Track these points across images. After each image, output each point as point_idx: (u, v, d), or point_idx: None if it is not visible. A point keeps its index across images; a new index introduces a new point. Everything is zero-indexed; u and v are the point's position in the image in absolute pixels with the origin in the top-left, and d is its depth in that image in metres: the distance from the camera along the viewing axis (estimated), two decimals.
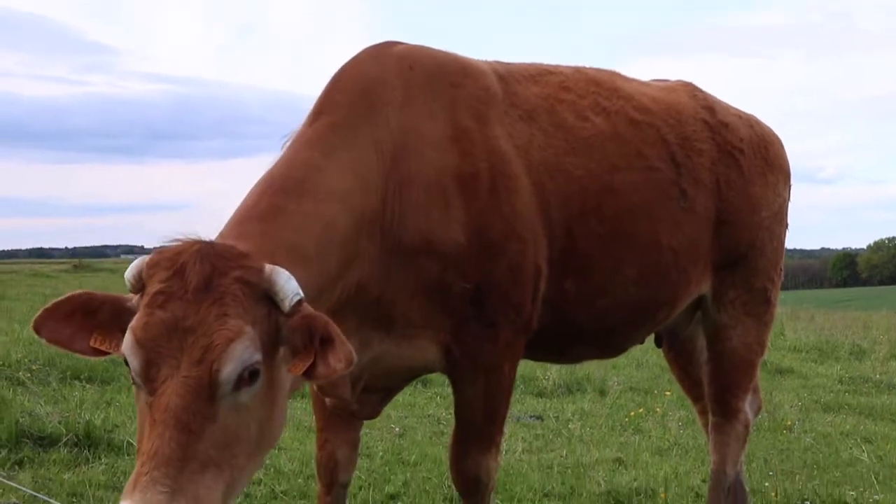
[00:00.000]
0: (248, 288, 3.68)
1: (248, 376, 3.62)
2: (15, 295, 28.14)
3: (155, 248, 3.90)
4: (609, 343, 5.97)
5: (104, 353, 3.87)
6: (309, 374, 3.72)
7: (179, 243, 3.80)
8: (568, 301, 5.37)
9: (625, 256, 5.51)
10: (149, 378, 3.56)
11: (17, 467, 7.49)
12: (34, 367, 11.74)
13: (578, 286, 5.38)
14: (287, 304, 3.70)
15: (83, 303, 3.84)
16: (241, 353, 3.56)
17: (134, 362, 3.58)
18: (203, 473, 3.50)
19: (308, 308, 3.76)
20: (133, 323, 3.64)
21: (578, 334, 5.68)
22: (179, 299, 3.62)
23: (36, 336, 3.86)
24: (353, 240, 4.52)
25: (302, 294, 3.74)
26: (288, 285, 3.71)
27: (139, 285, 3.78)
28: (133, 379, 3.66)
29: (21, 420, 8.67)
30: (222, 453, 3.59)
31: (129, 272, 3.83)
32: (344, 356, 3.66)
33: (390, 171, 4.76)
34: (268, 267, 3.74)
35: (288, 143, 4.81)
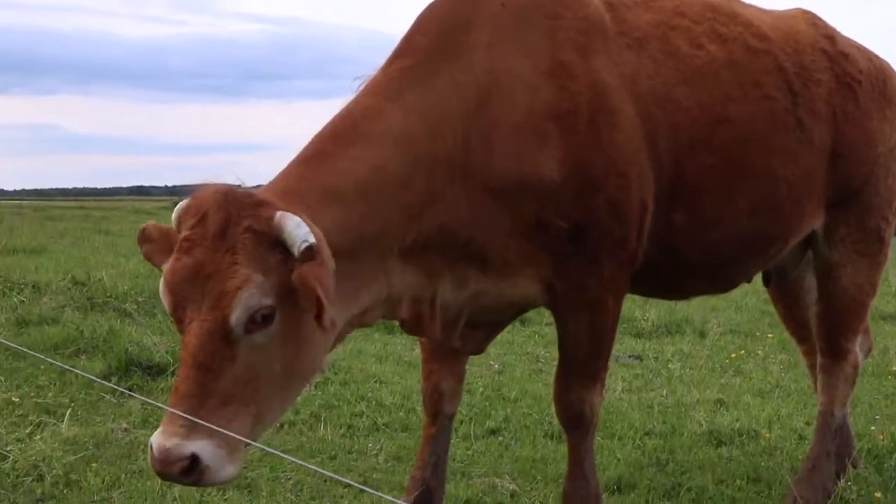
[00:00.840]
0: (258, 236, 3.86)
1: (261, 319, 3.86)
2: (118, 230, 28.68)
3: (192, 191, 4.08)
4: (720, 277, 5.89)
5: None
6: (318, 318, 3.80)
7: (206, 190, 4.01)
8: (677, 234, 5.31)
9: (737, 188, 5.41)
10: (178, 319, 3.94)
11: (126, 394, 7.62)
12: (140, 300, 12.00)
13: (688, 219, 5.30)
14: (296, 250, 3.80)
15: (157, 230, 4.19)
16: (248, 299, 3.79)
17: (165, 304, 3.96)
18: (223, 408, 3.83)
19: (320, 255, 3.84)
20: (165, 267, 3.93)
21: (689, 268, 5.61)
22: (201, 246, 3.87)
23: (141, 269, 4.10)
24: (415, 183, 4.56)
25: (310, 241, 3.80)
26: (296, 231, 3.82)
27: (177, 228, 4.05)
28: None
29: (130, 349, 8.86)
30: (244, 389, 3.90)
31: (173, 214, 4.14)
32: (324, 319, 3.79)
33: (474, 114, 4.74)
34: (278, 214, 3.87)
35: (361, 87, 4.82)
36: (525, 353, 10.54)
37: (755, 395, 9.12)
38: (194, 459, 3.71)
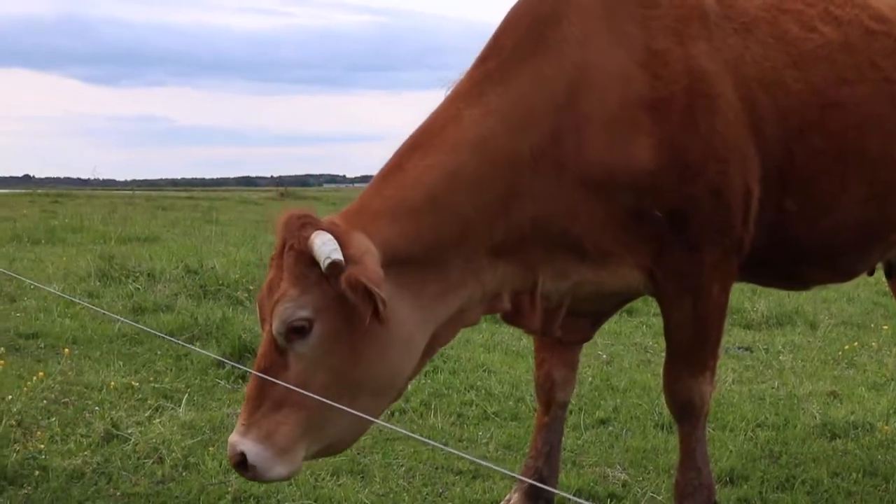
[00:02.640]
0: (298, 255, 4.23)
1: (298, 331, 4.19)
2: (227, 220, 29.11)
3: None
4: (838, 265, 5.79)
5: None
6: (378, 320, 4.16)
7: (283, 214, 4.46)
8: (789, 221, 5.26)
9: (852, 174, 5.32)
10: (262, 329, 4.40)
11: (240, 381, 7.74)
12: (251, 288, 12.14)
13: (800, 205, 5.24)
14: (322, 267, 4.09)
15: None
16: (282, 312, 4.18)
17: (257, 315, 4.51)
18: (275, 413, 4.18)
19: (357, 264, 4.14)
20: None
21: (805, 256, 5.54)
22: (273, 266, 4.41)
23: (251, 258, 4.38)
24: (495, 183, 4.67)
25: (334, 257, 4.07)
26: (321, 249, 4.11)
27: None
28: None
29: (243, 336, 8.99)
30: (289, 396, 4.17)
31: None
32: (377, 315, 4.12)
33: (563, 108, 4.78)
34: (314, 234, 4.17)
35: (448, 91, 4.95)
36: (633, 343, 10.53)
37: (870, 388, 8.98)
38: (243, 456, 4.11)
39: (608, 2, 5.01)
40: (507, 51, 4.90)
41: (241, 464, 4.16)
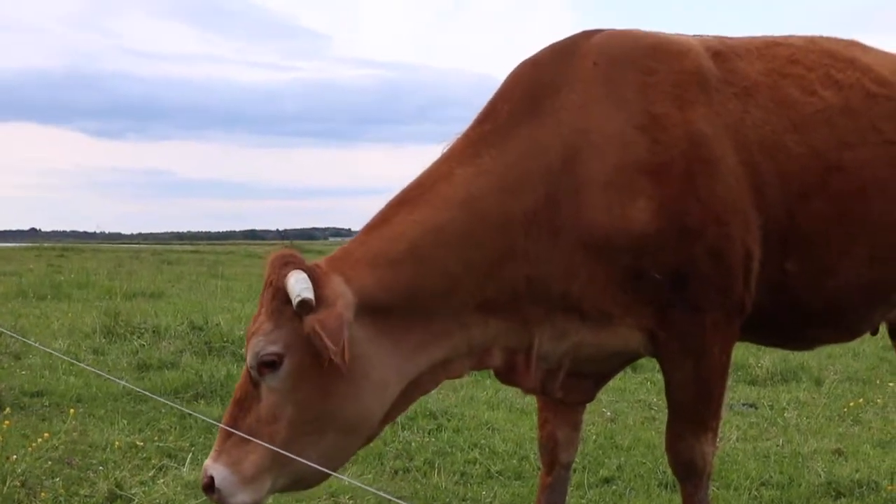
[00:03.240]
0: (276, 291, 4.45)
1: (267, 365, 4.39)
2: (233, 274, 29.17)
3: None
4: (841, 325, 5.81)
5: None
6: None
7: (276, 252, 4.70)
8: (791, 282, 5.30)
9: (855, 236, 5.36)
10: None
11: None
12: None
13: (802, 267, 5.28)
14: (294, 304, 4.29)
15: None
16: (254, 346, 4.42)
17: None
18: (245, 442, 4.36)
19: (323, 306, 4.32)
20: None
21: (807, 317, 5.56)
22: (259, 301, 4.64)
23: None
24: (484, 242, 4.79)
25: (304, 296, 4.26)
26: (293, 287, 4.32)
27: None
28: None
29: None
30: (266, 427, 4.40)
31: None
32: (339, 355, 4.25)
33: (559, 173, 4.86)
34: (291, 272, 4.38)
35: (444, 150, 5.07)
36: (637, 400, 10.53)
37: (875, 446, 8.98)
38: (211, 481, 4.34)
39: (606, 69, 5.08)
40: (504, 115, 5.01)
41: (209, 486, 4.39)
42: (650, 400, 10.48)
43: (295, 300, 4.26)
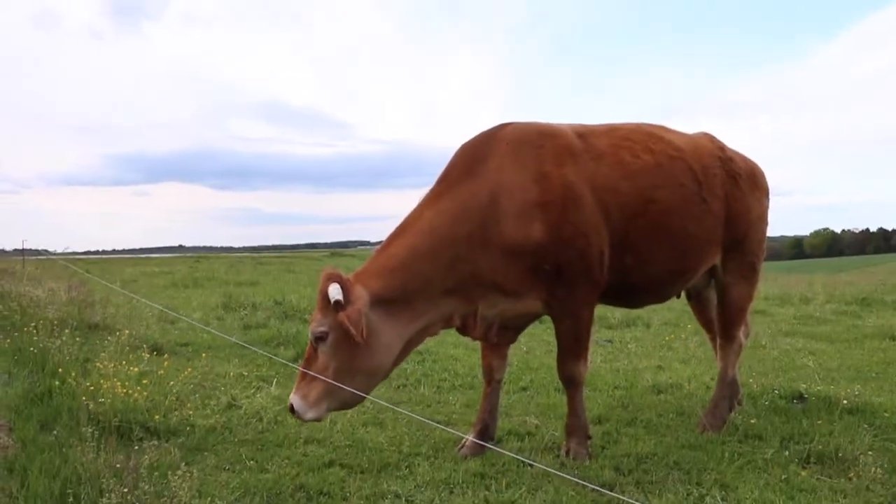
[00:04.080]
0: (323, 295, 4.62)
1: (320, 338, 4.61)
2: (299, 270, 29.11)
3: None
4: (657, 293, 5.89)
5: None
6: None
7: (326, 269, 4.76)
8: (627, 269, 5.36)
9: (663, 241, 5.44)
10: None
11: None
12: (313, 312, 12.04)
13: (633, 259, 5.36)
14: (332, 303, 4.53)
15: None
16: (312, 327, 4.67)
17: None
18: (311, 382, 4.60)
19: (349, 306, 4.53)
20: None
21: (637, 289, 5.64)
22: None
23: (314, 294, 4.99)
24: (443, 254, 4.87)
25: (337, 298, 4.50)
26: (331, 293, 4.52)
27: None
28: None
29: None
30: (322, 374, 4.59)
31: None
32: (359, 335, 4.48)
33: (487, 208, 4.94)
34: (330, 284, 4.57)
35: (421, 198, 5.16)
36: (543, 339, 10.55)
37: (680, 362, 9.06)
38: (292, 406, 4.63)
39: (514, 145, 5.14)
40: (453, 176, 5.09)
41: (291, 409, 4.64)
42: (550, 339, 10.44)
43: (332, 301, 4.52)
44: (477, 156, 5.12)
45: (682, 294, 6.46)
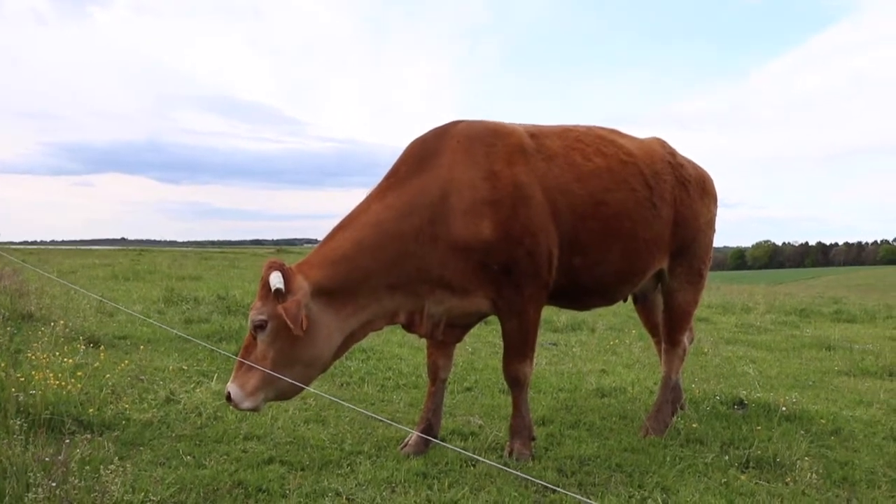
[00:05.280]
0: (263, 283, 4.57)
1: (259, 327, 4.54)
2: (244, 266, 28.61)
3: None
4: (605, 296, 5.89)
5: None
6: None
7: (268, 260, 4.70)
8: (576, 270, 5.35)
9: (613, 243, 5.45)
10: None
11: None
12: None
13: (582, 261, 5.35)
14: (272, 291, 4.49)
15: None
16: (252, 315, 4.58)
17: None
18: (249, 370, 4.54)
19: (289, 296, 4.50)
20: None
21: (585, 290, 5.63)
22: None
23: (257, 289, 4.74)
24: (388, 248, 4.82)
25: (278, 286, 4.46)
26: (272, 281, 4.48)
27: None
28: None
29: None
30: (260, 363, 4.53)
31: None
32: (297, 327, 4.41)
33: (437, 204, 4.89)
34: (271, 272, 4.53)
35: (369, 191, 5.10)
36: (488, 341, 10.55)
37: (624, 367, 9.12)
38: (229, 395, 4.55)
39: (466, 142, 5.09)
40: (402, 172, 5.03)
41: (228, 398, 4.55)
42: (496, 341, 10.48)
43: (273, 289, 4.46)
44: (428, 151, 5.07)
45: (629, 298, 6.51)
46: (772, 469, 5.20)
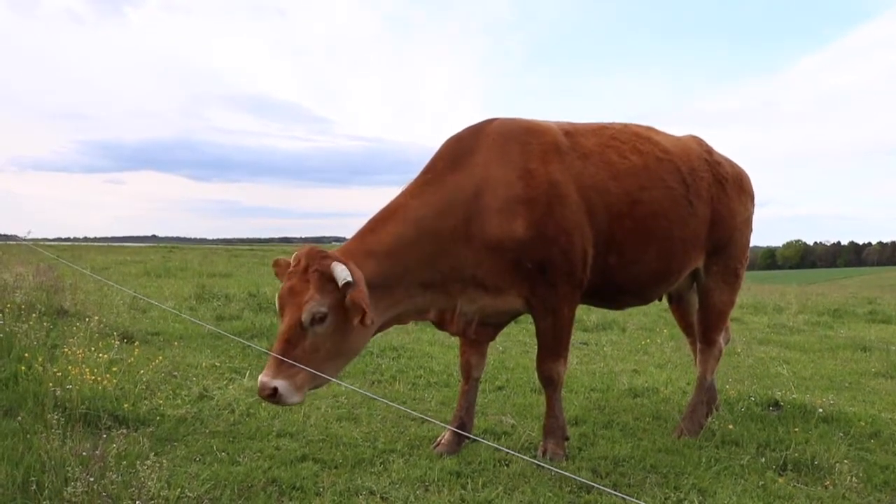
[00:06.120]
0: (321, 274, 4.38)
1: (319, 319, 4.35)
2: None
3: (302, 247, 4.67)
4: (641, 295, 5.85)
5: None
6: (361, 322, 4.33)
7: (303, 247, 4.58)
8: (611, 269, 5.32)
9: (648, 242, 5.40)
10: (280, 315, 4.46)
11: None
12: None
13: (618, 260, 5.31)
14: (339, 284, 4.34)
15: (282, 264, 4.72)
16: (310, 308, 4.34)
17: (277, 306, 4.51)
18: (292, 366, 4.24)
19: (357, 287, 4.35)
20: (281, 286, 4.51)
21: (621, 289, 5.60)
22: (294, 277, 4.45)
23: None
24: (425, 246, 4.76)
25: (348, 279, 4.32)
26: (339, 274, 4.34)
27: (290, 265, 4.57)
28: None
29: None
30: (306, 356, 4.32)
31: (291, 258, 4.63)
32: (357, 316, 4.32)
33: (472, 202, 4.85)
34: (332, 263, 4.37)
35: (403, 188, 5.03)
36: (518, 340, 10.54)
37: (656, 367, 9.05)
38: (275, 389, 4.25)
39: (501, 140, 5.08)
40: (439, 168, 4.99)
41: (272, 394, 4.26)
42: (526, 340, 10.47)
43: (342, 281, 4.32)
44: (463, 149, 5.05)
45: (664, 298, 6.45)
46: (810, 472, 5.12)
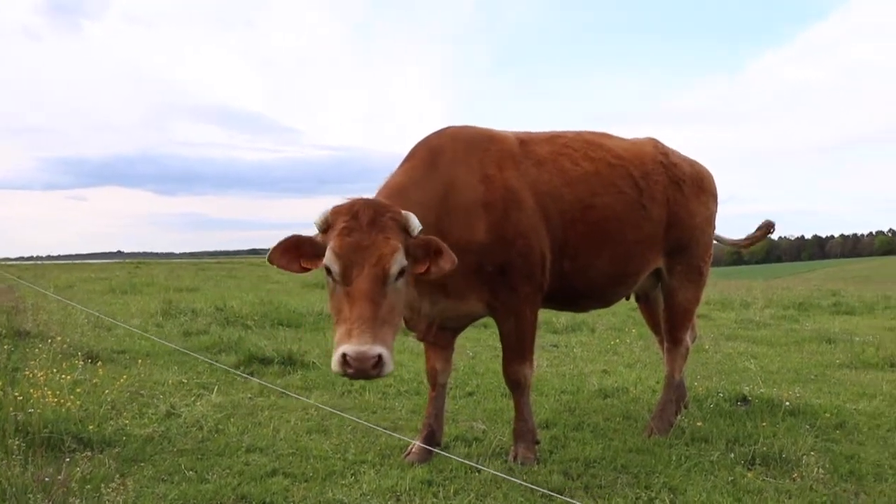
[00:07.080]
0: (397, 222, 4.08)
1: (401, 273, 4.04)
2: (241, 275, 28.62)
3: (333, 205, 4.20)
4: (600, 298, 5.90)
5: (308, 270, 4.19)
6: (426, 273, 4.16)
7: (350, 200, 4.17)
8: (568, 273, 5.37)
9: (602, 246, 5.47)
10: (346, 276, 3.95)
11: (252, 376, 7.56)
12: (255, 318, 11.92)
13: (573, 264, 5.38)
14: (414, 232, 4.09)
15: (293, 242, 4.17)
16: (400, 259, 4.02)
17: (335, 268, 3.98)
18: (383, 326, 3.91)
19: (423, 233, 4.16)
20: (332, 245, 4.02)
21: (580, 293, 5.65)
22: (358, 231, 4.00)
23: (254, 299, 4.14)
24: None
25: (421, 227, 4.12)
26: (415, 222, 4.10)
27: (325, 226, 4.13)
28: (331, 280, 4.03)
29: (250, 349, 8.78)
30: (389, 315, 3.97)
31: (317, 218, 4.17)
32: (450, 260, 4.12)
33: (440, 202, 4.85)
34: (404, 212, 4.14)
35: (389, 176, 4.97)
36: (489, 345, 10.51)
37: (626, 367, 9.10)
38: (380, 356, 3.78)
39: (464, 144, 5.16)
40: (418, 159, 5.05)
41: (377, 361, 3.78)
42: (497, 345, 10.39)
43: (416, 231, 4.13)
44: (436, 148, 5.11)
45: (632, 297, 6.49)
46: (778, 465, 5.16)
